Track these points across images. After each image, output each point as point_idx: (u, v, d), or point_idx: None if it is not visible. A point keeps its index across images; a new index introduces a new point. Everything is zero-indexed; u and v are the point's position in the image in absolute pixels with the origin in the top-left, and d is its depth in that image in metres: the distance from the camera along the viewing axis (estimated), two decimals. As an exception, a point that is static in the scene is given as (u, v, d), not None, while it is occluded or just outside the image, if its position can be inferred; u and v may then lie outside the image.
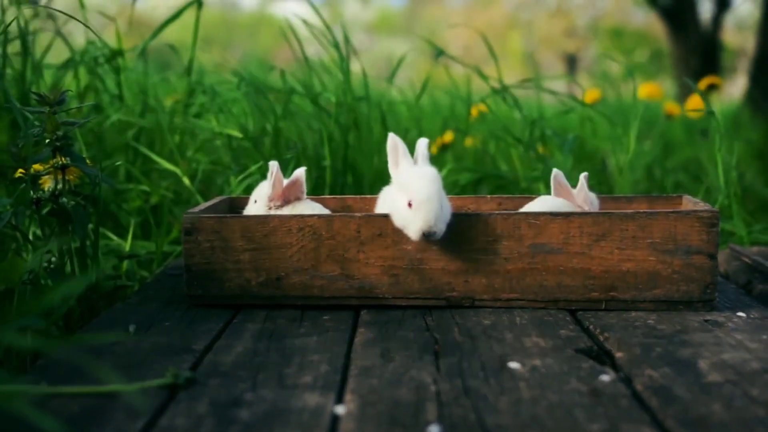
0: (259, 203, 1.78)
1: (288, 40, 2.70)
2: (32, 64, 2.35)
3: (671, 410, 1.05)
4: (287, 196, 1.77)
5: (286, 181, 1.76)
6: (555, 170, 1.80)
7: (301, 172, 1.78)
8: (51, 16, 2.64)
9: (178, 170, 2.39)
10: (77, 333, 1.54)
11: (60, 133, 1.60)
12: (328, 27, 2.58)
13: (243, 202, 1.90)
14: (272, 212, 1.75)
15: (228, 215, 1.60)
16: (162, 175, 2.55)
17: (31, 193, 1.56)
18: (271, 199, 1.75)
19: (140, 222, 2.35)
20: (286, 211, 1.74)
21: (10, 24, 2.05)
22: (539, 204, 1.77)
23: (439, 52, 2.80)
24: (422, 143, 1.68)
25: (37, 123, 1.66)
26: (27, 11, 2.48)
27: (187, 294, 1.62)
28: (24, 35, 2.32)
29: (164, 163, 2.40)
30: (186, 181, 2.38)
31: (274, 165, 1.73)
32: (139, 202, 2.38)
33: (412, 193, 1.52)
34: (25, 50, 2.32)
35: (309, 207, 1.75)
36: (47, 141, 1.59)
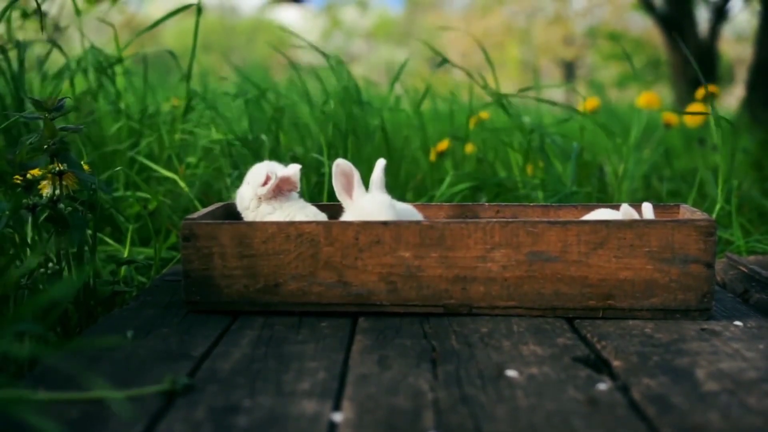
0: (249, 188, 1.78)
1: (278, 50, 2.71)
2: (29, 72, 2.36)
3: (668, 419, 1.06)
4: (282, 187, 1.77)
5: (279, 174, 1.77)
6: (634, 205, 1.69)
7: (295, 169, 1.78)
8: (56, 26, 2.65)
9: (176, 177, 2.39)
10: (75, 339, 1.54)
11: (57, 138, 1.60)
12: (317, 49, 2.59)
13: (241, 209, 1.90)
14: (262, 207, 1.75)
15: (226, 221, 1.60)
16: (160, 181, 2.55)
17: (28, 198, 1.56)
18: (262, 195, 1.76)
19: (138, 228, 2.35)
20: (278, 208, 1.74)
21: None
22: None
23: (441, 61, 2.80)
24: (379, 167, 1.73)
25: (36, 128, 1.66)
26: (29, 22, 2.49)
27: (185, 300, 1.62)
28: (21, 43, 2.32)
29: (163, 171, 2.40)
30: (184, 187, 2.38)
31: (273, 172, 1.74)
32: (137, 207, 2.38)
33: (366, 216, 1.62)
34: (22, 58, 2.32)
35: (301, 210, 1.74)
36: (45, 147, 1.59)
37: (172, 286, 1.84)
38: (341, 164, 1.69)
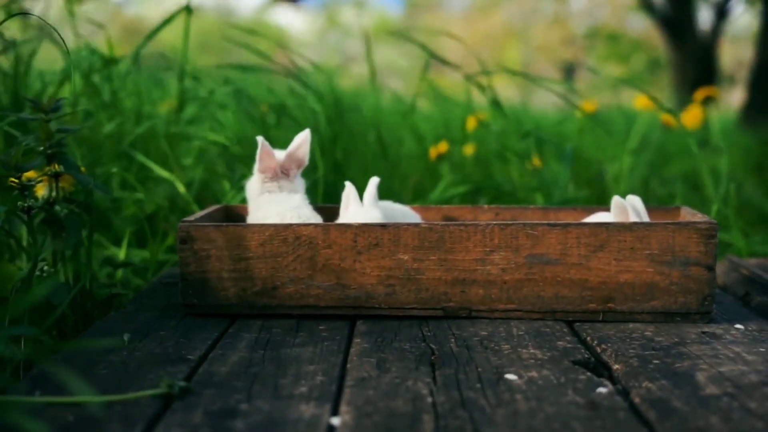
0: (255, 175, 1.80)
1: (281, 48, 2.70)
2: (24, 71, 2.35)
3: (669, 423, 1.05)
4: (288, 166, 1.77)
5: (281, 152, 1.78)
6: (622, 198, 1.67)
7: (305, 134, 1.79)
8: (42, 27, 2.63)
9: (173, 178, 2.38)
10: (71, 341, 1.53)
11: (54, 140, 1.59)
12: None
13: (239, 210, 1.89)
14: (264, 194, 1.76)
15: (224, 224, 1.59)
16: (157, 183, 2.54)
17: (24, 201, 1.55)
18: (262, 171, 1.76)
19: (135, 230, 2.34)
20: (274, 199, 1.74)
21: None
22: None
23: (427, 63, 2.80)
24: (372, 184, 1.76)
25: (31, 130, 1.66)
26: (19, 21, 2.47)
27: (182, 303, 1.61)
28: (15, 42, 2.31)
29: (159, 171, 2.39)
30: (181, 189, 2.37)
31: (260, 139, 1.75)
32: (134, 210, 2.37)
33: None
34: (17, 57, 2.31)
35: (294, 210, 1.72)
36: (41, 149, 1.58)
37: (169, 289, 1.83)
38: (346, 186, 1.77)
